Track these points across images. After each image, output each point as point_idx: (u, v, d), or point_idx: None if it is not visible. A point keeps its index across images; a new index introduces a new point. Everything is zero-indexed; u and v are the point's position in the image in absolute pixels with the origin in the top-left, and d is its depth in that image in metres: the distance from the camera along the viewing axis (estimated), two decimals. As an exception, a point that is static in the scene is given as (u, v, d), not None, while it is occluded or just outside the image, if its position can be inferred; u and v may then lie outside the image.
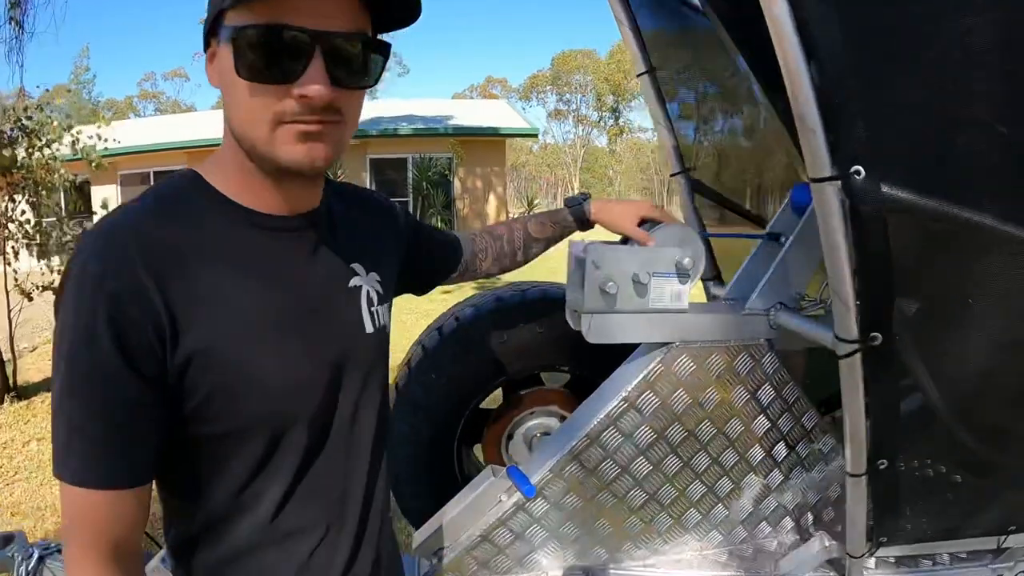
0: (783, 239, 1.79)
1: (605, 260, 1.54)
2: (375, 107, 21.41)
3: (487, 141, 18.37)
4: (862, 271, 1.31)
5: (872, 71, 1.21)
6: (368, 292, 1.13)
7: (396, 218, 1.35)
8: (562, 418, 2.30)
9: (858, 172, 1.22)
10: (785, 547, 1.92)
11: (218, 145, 1.02)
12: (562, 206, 1.70)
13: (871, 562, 1.75)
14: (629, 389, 1.66)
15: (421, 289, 1.55)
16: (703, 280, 2.32)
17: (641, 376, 1.66)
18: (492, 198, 18.40)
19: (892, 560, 1.78)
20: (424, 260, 1.49)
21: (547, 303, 2.11)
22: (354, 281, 1.11)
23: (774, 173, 2.15)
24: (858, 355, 1.37)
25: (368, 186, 18.06)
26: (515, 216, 17.78)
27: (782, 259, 1.71)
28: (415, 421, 2.15)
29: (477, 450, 2.39)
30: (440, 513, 1.80)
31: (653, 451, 1.74)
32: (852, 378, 1.42)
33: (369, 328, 1.12)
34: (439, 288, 1.59)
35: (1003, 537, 1.75)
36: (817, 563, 1.85)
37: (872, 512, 1.57)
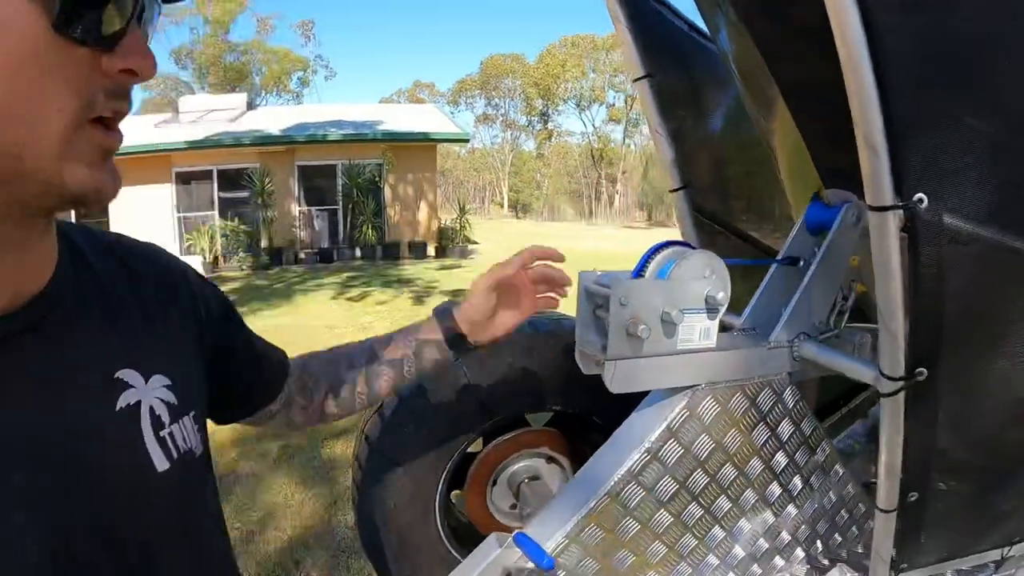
0: (801, 263, 1.66)
1: (633, 297, 1.35)
2: (301, 112, 20.98)
3: (418, 147, 18.13)
4: (915, 305, 1.23)
5: (947, 95, 1.12)
6: (152, 408, 0.73)
7: (194, 288, 0.93)
8: (549, 459, 2.15)
9: (921, 200, 1.12)
10: (804, 583, 1.81)
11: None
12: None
13: (888, 589, 1.71)
14: (652, 440, 1.50)
15: (218, 416, 1.04)
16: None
17: (664, 425, 1.49)
18: (423, 205, 18.11)
19: (904, 583, 1.74)
20: (231, 373, 1.00)
21: (538, 337, 1.93)
22: (125, 398, 0.71)
23: (782, 192, 2.03)
24: (903, 392, 1.31)
25: (297, 194, 17.74)
26: (447, 223, 17.78)
27: (806, 286, 1.58)
28: (392, 478, 1.95)
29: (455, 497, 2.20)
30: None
31: (674, 502, 1.58)
32: (894, 415, 1.36)
33: (162, 463, 0.72)
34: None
35: (1007, 548, 1.76)
36: (838, 600, 1.76)
37: (896, 542, 1.55)
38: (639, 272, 1.42)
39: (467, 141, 20.27)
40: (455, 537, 2.12)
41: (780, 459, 1.68)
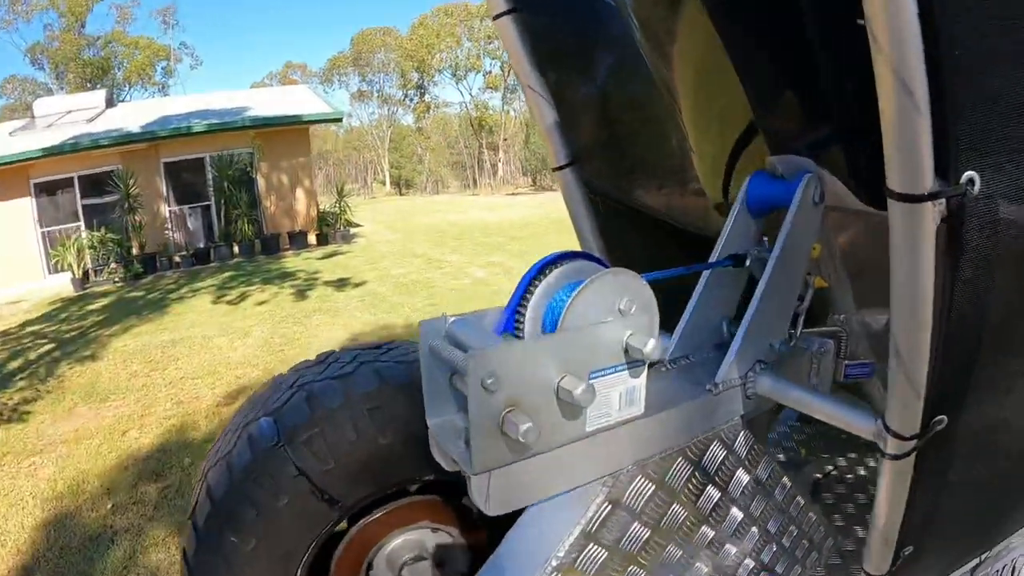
0: (748, 261, 1.19)
1: (506, 373, 0.82)
2: (164, 105, 19.49)
3: (289, 131, 17.02)
4: (947, 332, 0.83)
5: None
6: None
7: None
8: (434, 529, 1.66)
9: (972, 182, 0.73)
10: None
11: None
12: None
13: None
14: (561, 554, 1.00)
15: None
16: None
17: (578, 531, 1.00)
18: (300, 192, 17.06)
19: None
20: None
21: (385, 393, 1.40)
22: None
23: (708, 163, 1.54)
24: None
25: (165, 194, 16.46)
26: (328, 208, 16.88)
27: (761, 298, 1.11)
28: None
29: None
30: None
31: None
32: (899, 480, 1.01)
33: None
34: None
35: (985, 553, 1.59)
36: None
37: None
38: (512, 320, 0.89)
39: (340, 120, 19.19)
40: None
41: (735, 515, 1.27)
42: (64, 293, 12.50)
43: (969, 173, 0.69)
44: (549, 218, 16.38)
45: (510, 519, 1.05)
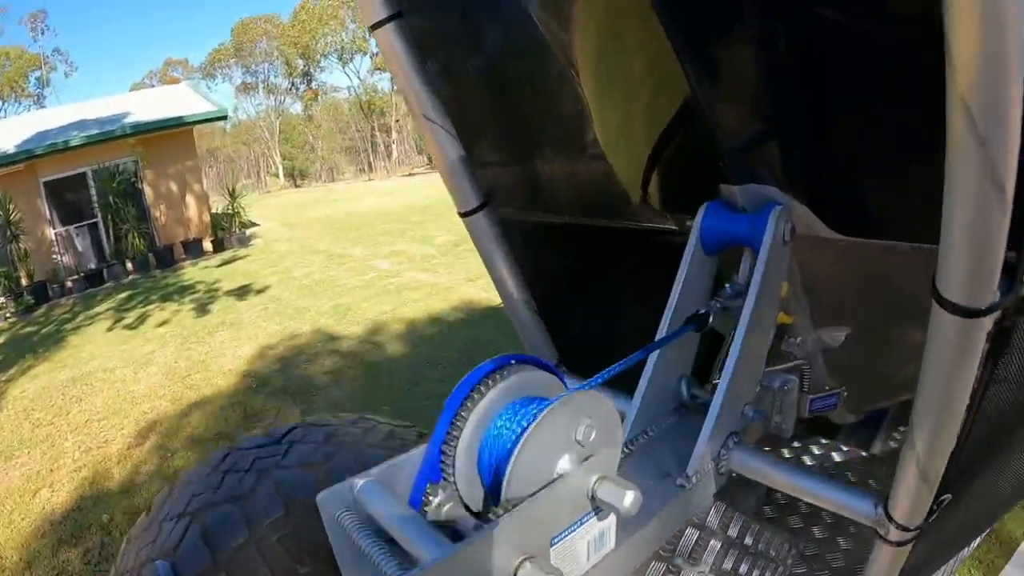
0: (711, 317, 1.01)
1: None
2: (38, 119, 18.11)
3: (173, 134, 16.06)
4: (974, 427, 0.73)
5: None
6: None
7: None
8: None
9: None
10: None
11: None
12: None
13: None
14: None
15: None
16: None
17: None
18: (191, 198, 16.16)
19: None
20: None
21: (300, 517, 1.18)
22: None
23: (625, 161, 1.33)
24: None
25: (48, 215, 15.29)
26: (222, 210, 16.10)
27: (735, 367, 0.94)
28: None
29: None
30: None
31: None
32: (895, 561, 0.90)
33: None
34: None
35: None
36: None
37: None
38: (437, 464, 0.69)
39: (225, 117, 18.30)
40: None
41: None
42: (-49, 338, 11.43)
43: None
44: (447, 200, 15.90)
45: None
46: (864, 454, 1.80)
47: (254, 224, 17.25)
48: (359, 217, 16.32)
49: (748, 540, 1.24)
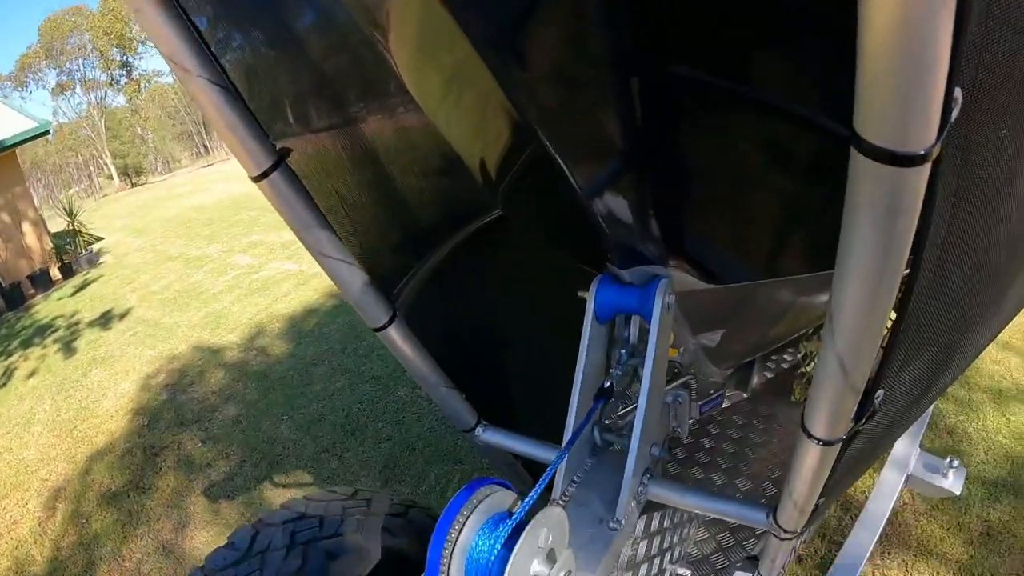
0: (611, 384, 1.20)
1: None
2: None
3: (-6, 161, 14.82)
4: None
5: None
6: None
7: None
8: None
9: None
10: None
11: None
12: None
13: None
14: None
15: None
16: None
17: None
18: (27, 226, 15.00)
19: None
20: None
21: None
22: None
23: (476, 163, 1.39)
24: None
25: None
26: (62, 230, 14.90)
27: (642, 425, 1.13)
28: None
29: None
30: None
31: None
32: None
33: None
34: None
35: None
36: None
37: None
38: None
39: (48, 132, 16.92)
40: None
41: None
42: None
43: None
44: None
45: None
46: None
47: (99, 239, 16.21)
48: (207, 211, 15.59)
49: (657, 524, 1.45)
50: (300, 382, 5.54)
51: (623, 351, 1.22)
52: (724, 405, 2.08)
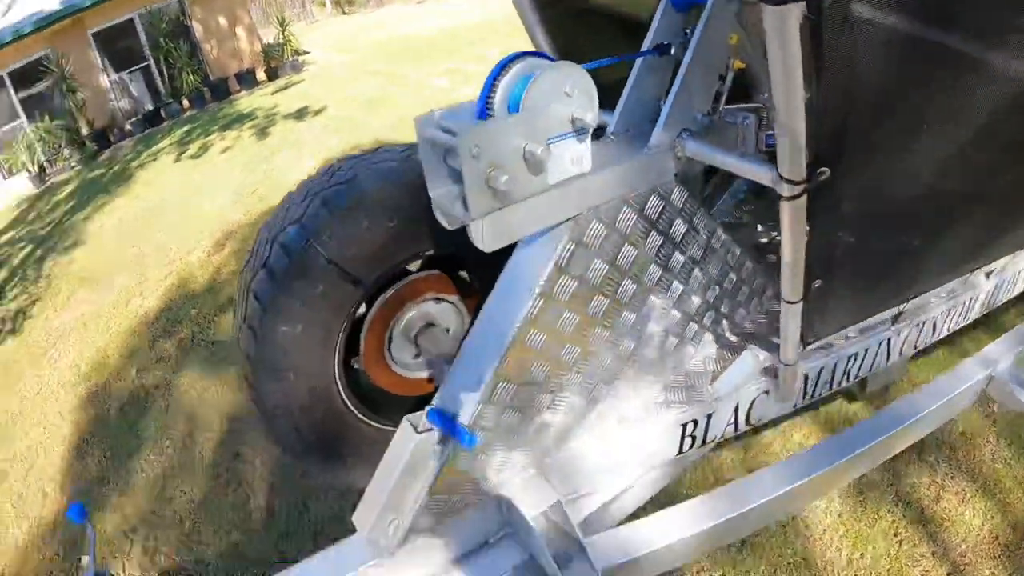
0: (673, 49, 1.45)
1: (486, 143, 1.15)
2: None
3: (212, -32, 15.91)
4: (818, 100, 1.09)
5: None
6: None
7: None
8: (438, 300, 2.04)
9: None
10: (719, 368, 1.83)
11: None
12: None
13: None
14: (542, 283, 1.36)
15: None
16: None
17: (552, 265, 1.35)
18: (240, 30, 16.23)
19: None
20: None
21: (387, 188, 1.70)
22: None
23: None
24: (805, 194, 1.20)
25: (102, 65, 15.28)
26: (272, 41, 15.96)
27: (683, 78, 1.39)
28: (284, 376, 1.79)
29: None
30: (372, 488, 1.50)
31: (580, 332, 1.50)
32: (796, 218, 1.27)
33: None
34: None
35: (904, 304, 1.87)
36: (752, 375, 1.82)
37: (804, 323, 1.55)
38: (485, 107, 1.19)
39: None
40: (366, 404, 2.00)
41: (678, 258, 1.60)
42: (25, 193, 11.91)
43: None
44: (507, 18, 14.95)
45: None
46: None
47: (305, 52, 17.05)
48: (414, 40, 15.79)
49: (715, 243, 1.68)
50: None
51: (689, 30, 1.45)
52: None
